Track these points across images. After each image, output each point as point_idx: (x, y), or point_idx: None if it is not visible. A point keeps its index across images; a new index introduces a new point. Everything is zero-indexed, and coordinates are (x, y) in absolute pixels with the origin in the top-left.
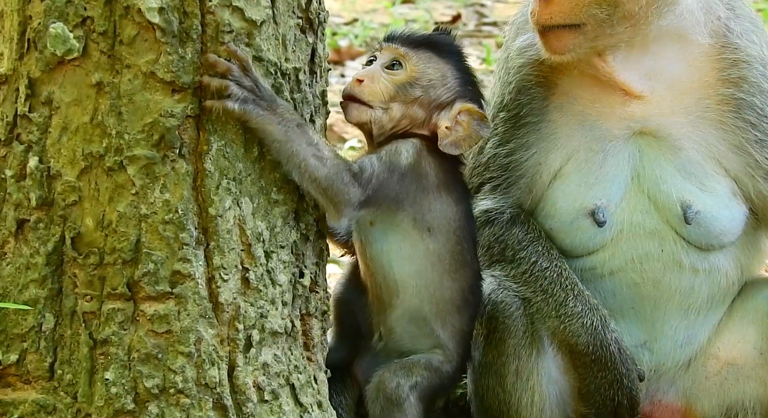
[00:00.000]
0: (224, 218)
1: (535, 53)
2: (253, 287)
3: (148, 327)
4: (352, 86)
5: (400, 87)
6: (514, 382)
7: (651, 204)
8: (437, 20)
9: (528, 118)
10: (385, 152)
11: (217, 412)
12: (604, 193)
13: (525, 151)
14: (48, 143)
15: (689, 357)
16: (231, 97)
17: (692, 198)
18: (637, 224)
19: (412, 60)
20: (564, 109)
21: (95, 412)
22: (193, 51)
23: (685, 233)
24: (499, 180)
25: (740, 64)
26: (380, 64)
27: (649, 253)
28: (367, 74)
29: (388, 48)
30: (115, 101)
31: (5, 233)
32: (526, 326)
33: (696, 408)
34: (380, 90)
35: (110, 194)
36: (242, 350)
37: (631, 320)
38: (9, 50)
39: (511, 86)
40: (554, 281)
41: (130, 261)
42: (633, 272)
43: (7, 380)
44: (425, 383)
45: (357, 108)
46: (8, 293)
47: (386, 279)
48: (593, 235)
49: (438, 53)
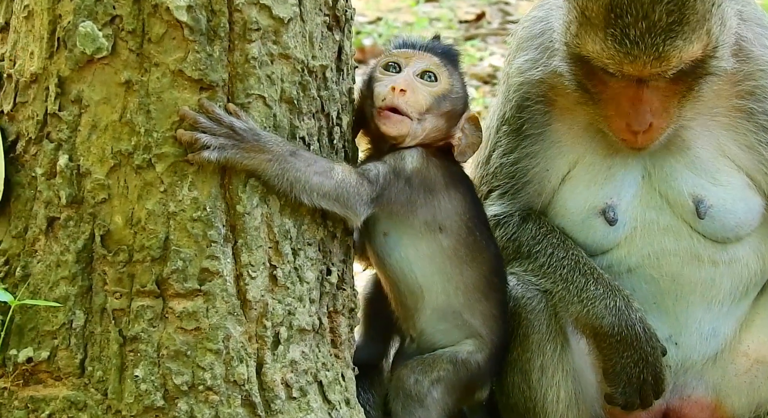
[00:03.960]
0: (252, 216)
1: (534, 73)
2: (280, 284)
3: (176, 324)
4: (396, 97)
5: (437, 99)
6: (539, 378)
7: (663, 201)
8: (461, 19)
9: (530, 131)
10: (389, 158)
11: (245, 409)
12: (614, 192)
13: (531, 160)
14: (78, 141)
15: (716, 350)
16: (207, 148)
17: (704, 193)
18: (651, 221)
19: (445, 72)
20: (566, 119)
21: (125, 408)
22: (221, 49)
23: (699, 228)
24: (507, 187)
25: (755, 75)
26: (412, 72)
27: (666, 248)
28: (408, 84)
29: (422, 57)
30: (144, 99)
31: (36, 231)
32: (549, 320)
33: (725, 405)
34: (421, 101)
35: (139, 192)
36: (270, 347)
37: (655, 314)
38: (39, 49)
39: (512, 103)
40: (573, 269)
41: (159, 258)
42: (651, 268)
43: (39, 376)
44: (450, 376)
45: (400, 121)
46: (39, 291)
47: (409, 285)
48: (606, 233)
49: (454, 63)
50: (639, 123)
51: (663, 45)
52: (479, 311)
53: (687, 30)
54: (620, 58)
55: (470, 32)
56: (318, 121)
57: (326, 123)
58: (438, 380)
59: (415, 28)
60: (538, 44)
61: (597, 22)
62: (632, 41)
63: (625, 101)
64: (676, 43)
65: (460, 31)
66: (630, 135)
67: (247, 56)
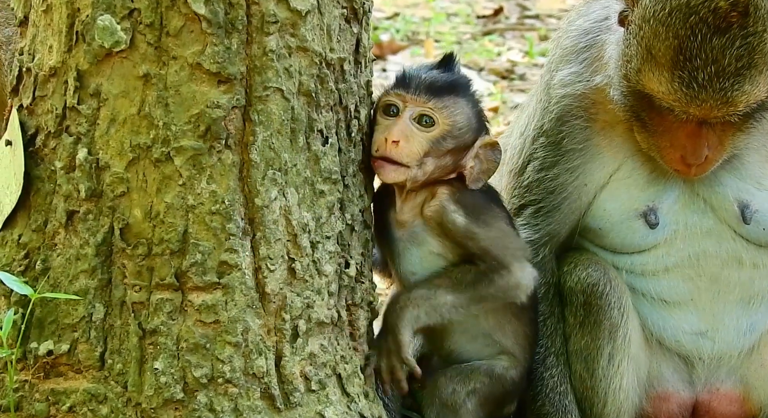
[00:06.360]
0: (270, 209)
1: (577, 87)
2: (299, 277)
3: (196, 317)
4: (389, 148)
5: (434, 142)
6: (605, 366)
7: (706, 205)
8: (479, 14)
9: (571, 146)
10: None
11: (264, 401)
12: (656, 195)
13: (570, 175)
14: (96, 135)
15: (752, 345)
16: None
17: (749, 198)
18: (693, 224)
19: (442, 112)
20: (607, 133)
21: (145, 401)
22: (239, 42)
23: (744, 232)
24: (544, 203)
25: None
26: (408, 117)
27: (706, 251)
28: (401, 134)
29: (417, 101)
30: (162, 93)
31: (55, 225)
32: (620, 303)
33: (753, 397)
34: (416, 150)
35: (158, 185)
36: (289, 340)
37: (691, 310)
38: (58, 43)
39: (552, 115)
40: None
41: (178, 252)
42: (689, 268)
43: (59, 369)
44: (485, 389)
45: (395, 170)
46: (59, 284)
47: None
48: (645, 235)
49: (459, 94)
50: (696, 158)
51: (731, 90)
52: (511, 331)
53: (755, 74)
54: (687, 101)
55: (488, 27)
56: (336, 114)
57: (344, 116)
58: (474, 392)
59: (432, 23)
60: (583, 58)
61: (663, 61)
62: (700, 85)
63: (682, 136)
64: (744, 88)
65: (477, 26)
66: (683, 167)
67: (265, 49)
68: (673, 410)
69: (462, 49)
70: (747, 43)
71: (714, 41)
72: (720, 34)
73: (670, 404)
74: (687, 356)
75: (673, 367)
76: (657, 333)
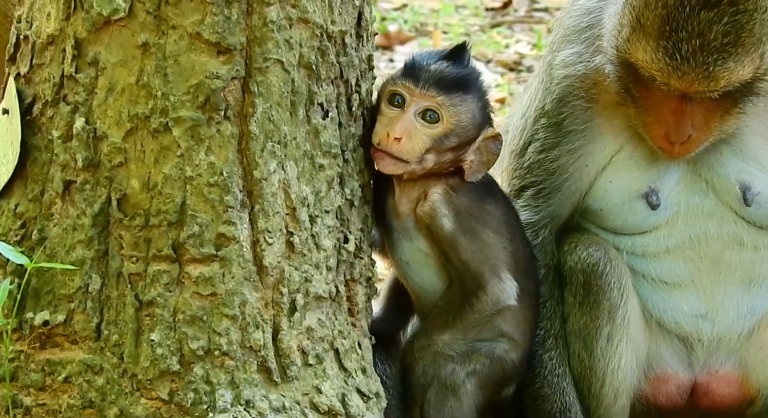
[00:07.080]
0: (269, 182)
1: (579, 67)
2: (297, 251)
3: (193, 289)
4: (390, 144)
5: (437, 139)
6: (604, 346)
7: (708, 187)
8: (488, 6)
9: (573, 127)
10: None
11: (261, 374)
12: (658, 176)
13: (571, 156)
14: (94, 104)
15: (752, 327)
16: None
17: (751, 179)
18: (694, 205)
19: (449, 110)
20: (608, 114)
21: (141, 372)
22: (239, 12)
23: (745, 214)
24: (544, 184)
25: None
26: (414, 112)
27: (708, 232)
28: (404, 131)
29: (424, 95)
30: (161, 62)
31: (52, 194)
32: (620, 283)
33: (752, 379)
34: (418, 147)
35: (156, 156)
36: (286, 314)
37: (691, 292)
38: (56, 11)
39: (554, 96)
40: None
41: (176, 223)
42: (690, 250)
43: (55, 339)
44: (486, 371)
45: (394, 163)
46: (55, 254)
47: (435, 300)
48: (646, 216)
49: (466, 91)
50: (678, 135)
51: (714, 65)
52: (512, 316)
53: (740, 52)
54: (669, 71)
55: (496, 19)
56: (337, 88)
57: (345, 90)
58: (474, 373)
59: (440, 15)
60: (585, 38)
61: (651, 31)
62: (683, 57)
63: (667, 111)
64: (728, 65)
65: (486, 18)
66: (667, 144)
67: (265, 20)
68: (671, 391)
69: (470, 40)
70: (735, 20)
71: (702, 15)
72: (709, 9)
73: (668, 385)
74: (686, 338)
75: (673, 348)
76: (657, 314)
